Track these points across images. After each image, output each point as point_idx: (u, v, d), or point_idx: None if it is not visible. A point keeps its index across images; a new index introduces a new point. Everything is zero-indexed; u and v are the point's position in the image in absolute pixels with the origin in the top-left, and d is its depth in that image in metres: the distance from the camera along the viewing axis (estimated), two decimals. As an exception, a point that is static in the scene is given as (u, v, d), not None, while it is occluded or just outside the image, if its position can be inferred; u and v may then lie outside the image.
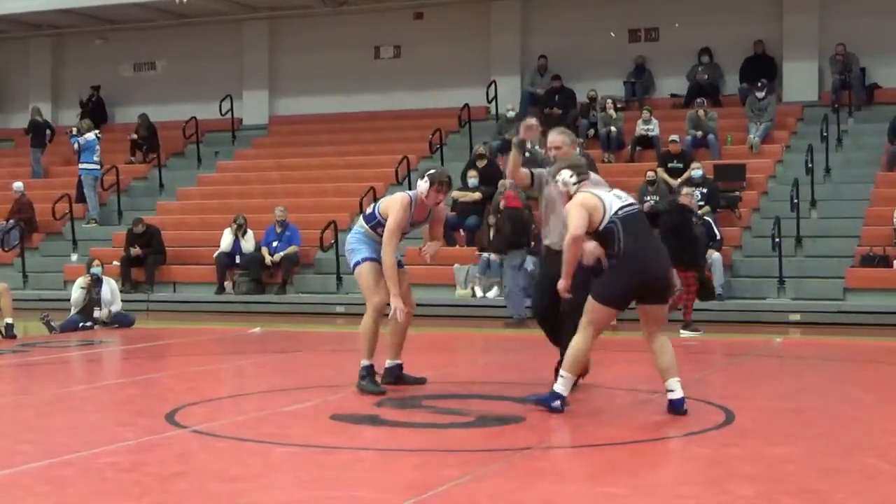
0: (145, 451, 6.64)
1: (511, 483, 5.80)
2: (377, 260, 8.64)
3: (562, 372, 7.72)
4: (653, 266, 7.67)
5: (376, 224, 8.77)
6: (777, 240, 17.17)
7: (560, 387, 7.67)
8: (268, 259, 19.39)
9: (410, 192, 8.87)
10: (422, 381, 9.11)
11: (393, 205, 8.69)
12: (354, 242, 8.87)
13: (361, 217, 9.06)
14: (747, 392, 9.28)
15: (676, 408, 7.63)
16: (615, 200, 7.77)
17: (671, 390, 7.67)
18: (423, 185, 8.71)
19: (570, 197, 7.83)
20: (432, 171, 8.80)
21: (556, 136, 9.10)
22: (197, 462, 6.38)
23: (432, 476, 5.87)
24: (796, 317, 16.47)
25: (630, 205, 7.77)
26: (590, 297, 7.64)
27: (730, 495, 5.52)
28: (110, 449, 6.63)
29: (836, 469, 6.14)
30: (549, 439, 6.94)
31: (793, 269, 17.50)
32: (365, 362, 8.63)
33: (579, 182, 7.90)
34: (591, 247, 7.66)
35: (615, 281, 7.60)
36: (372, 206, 9.04)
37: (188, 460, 6.42)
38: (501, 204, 17.26)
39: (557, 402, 7.64)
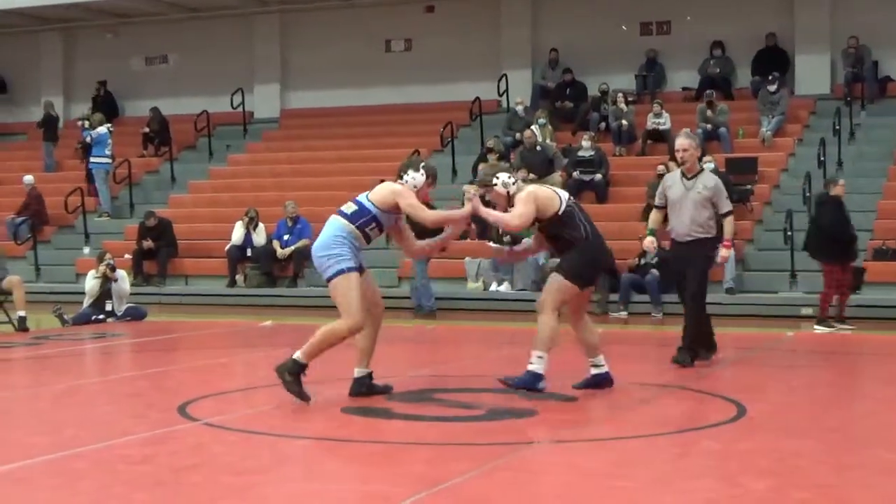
0: (157, 443, 6.65)
1: (522, 477, 5.79)
2: (359, 270, 7.82)
3: (536, 353, 7.97)
4: (607, 251, 8.45)
5: (369, 220, 7.94)
6: (789, 233, 17.13)
7: (537, 367, 7.95)
8: (279, 252, 19.40)
9: (395, 186, 8.14)
10: (388, 390, 8.26)
11: (396, 188, 8.02)
12: (335, 247, 7.84)
13: (341, 217, 8.01)
14: (759, 386, 9.27)
15: (606, 381, 8.35)
16: (562, 191, 8.48)
17: (600, 365, 8.35)
18: (418, 177, 8.10)
19: (509, 196, 8.27)
20: (424, 163, 8.31)
21: (683, 140, 10.19)
22: (209, 455, 6.39)
23: (443, 469, 5.86)
24: (808, 310, 16.41)
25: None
26: (557, 277, 8.06)
27: (742, 489, 5.51)
28: (122, 441, 6.64)
29: (849, 464, 6.12)
30: (561, 433, 6.94)
31: (805, 262, 17.39)
32: (301, 360, 7.76)
33: (516, 182, 8.38)
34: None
35: (586, 260, 8.15)
36: (352, 203, 8.12)
37: (200, 453, 6.43)
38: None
39: (542, 383, 7.96)
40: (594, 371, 8.36)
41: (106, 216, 22.79)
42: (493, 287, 18.01)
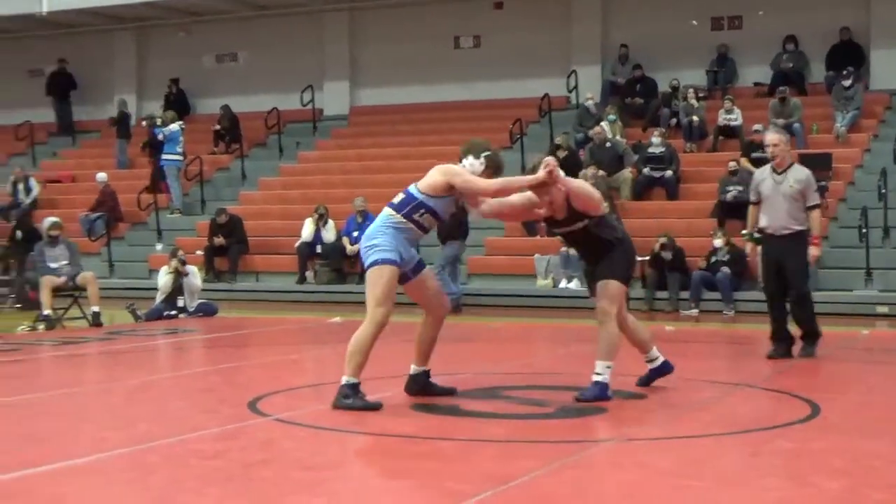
0: (228, 438, 6.69)
1: (591, 475, 5.76)
2: (399, 264, 7.48)
3: (603, 363, 7.74)
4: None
5: (415, 206, 7.50)
6: (864, 230, 16.90)
7: (605, 378, 7.75)
8: (348, 249, 19.48)
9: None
10: (451, 392, 8.02)
11: (444, 167, 7.57)
12: (380, 237, 7.49)
13: (388, 208, 7.62)
14: (833, 385, 9.15)
15: (666, 370, 8.29)
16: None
17: (655, 359, 8.28)
18: (476, 165, 7.65)
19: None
20: (489, 152, 7.74)
21: (773, 135, 10.35)
22: (279, 450, 6.42)
23: (512, 467, 5.84)
24: (884, 309, 16.19)
25: None
26: (612, 283, 7.82)
27: (815, 489, 5.44)
28: (194, 436, 6.69)
29: (925, 464, 6.02)
30: (631, 431, 6.89)
31: (880, 260, 17.21)
32: (351, 380, 7.44)
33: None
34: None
35: (628, 260, 8.09)
36: (401, 193, 7.68)
37: (270, 448, 6.46)
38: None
39: (607, 391, 7.76)
40: (651, 366, 8.32)
41: (178, 213, 23.04)
42: (563, 284, 17.95)
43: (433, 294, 7.89)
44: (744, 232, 11.12)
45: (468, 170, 7.62)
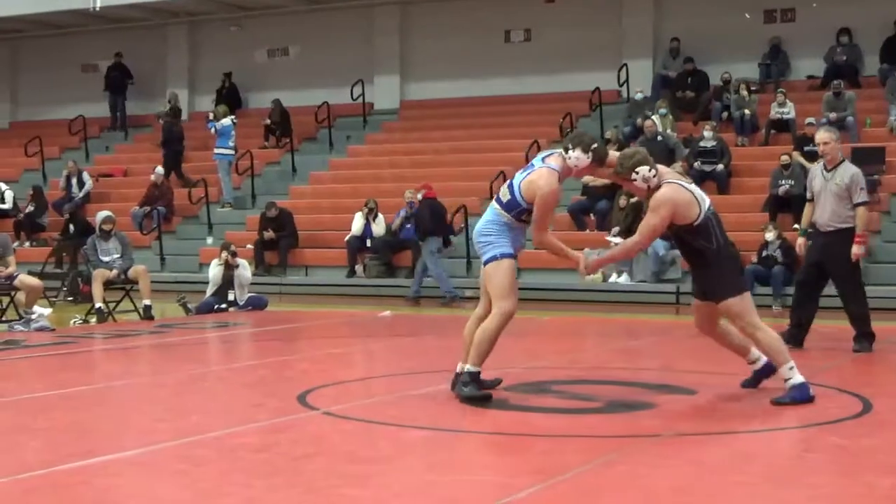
0: (277, 431, 6.73)
1: (640, 470, 5.74)
2: (516, 257, 7.67)
3: (784, 367, 7.52)
4: (738, 254, 8.21)
5: (520, 211, 7.61)
6: (918, 225, 16.71)
7: (796, 379, 7.48)
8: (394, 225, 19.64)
9: (552, 165, 7.64)
10: (497, 383, 8.10)
11: (540, 183, 7.51)
12: (493, 233, 7.65)
13: (497, 203, 7.74)
14: (885, 381, 9.07)
15: (770, 372, 7.89)
16: (703, 194, 7.69)
17: (756, 360, 8.00)
18: (583, 158, 7.58)
19: (650, 189, 7.56)
20: (595, 144, 7.64)
21: (823, 134, 10.44)
22: (328, 444, 6.45)
23: (560, 461, 5.84)
24: (937, 304, 15.99)
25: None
26: (733, 301, 7.49)
27: (867, 486, 5.38)
28: (243, 429, 6.74)
29: (979, 461, 5.94)
30: (679, 426, 6.85)
31: (934, 254, 17.01)
32: (472, 368, 7.59)
33: (656, 174, 7.58)
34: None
35: (733, 270, 7.75)
36: (507, 188, 7.74)
37: (319, 442, 6.49)
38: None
39: (808, 390, 7.49)
40: (754, 368, 8.05)
41: (228, 207, 23.18)
42: (613, 278, 17.89)
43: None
44: (796, 226, 11.11)
45: (573, 161, 7.60)
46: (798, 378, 7.47)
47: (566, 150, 7.64)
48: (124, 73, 28.08)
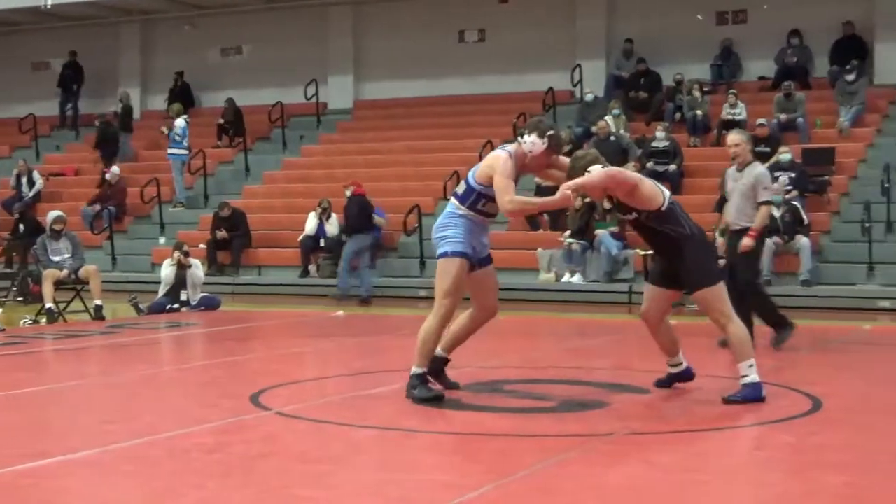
0: (230, 432, 6.70)
1: (593, 468, 5.76)
2: (469, 257, 7.60)
3: (745, 363, 7.55)
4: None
5: (477, 198, 7.57)
6: (867, 225, 16.88)
7: (754, 377, 7.53)
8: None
9: (508, 148, 7.69)
10: (455, 387, 8.01)
11: (494, 163, 7.54)
12: (450, 227, 7.62)
13: (453, 198, 7.74)
14: (835, 380, 9.14)
15: (686, 377, 8.18)
16: (661, 186, 7.82)
17: (678, 364, 8.15)
18: (538, 143, 7.57)
19: (604, 189, 7.64)
20: (552, 131, 7.66)
21: (734, 136, 10.73)
22: (281, 444, 6.43)
23: (513, 461, 5.85)
24: (886, 303, 16.18)
25: None
26: (709, 290, 7.54)
27: (816, 483, 5.44)
28: (196, 430, 6.70)
29: (927, 459, 6.02)
30: (632, 425, 6.89)
31: (883, 254, 17.18)
32: (417, 370, 7.58)
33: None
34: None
35: (709, 258, 7.79)
36: (463, 182, 7.75)
37: (272, 442, 6.47)
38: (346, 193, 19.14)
39: (761, 390, 7.53)
40: (672, 371, 8.16)
41: (181, 206, 23.05)
42: (566, 278, 17.94)
43: (489, 291, 7.94)
44: (714, 226, 11.40)
45: (528, 146, 7.58)
46: (754, 377, 7.53)
47: (521, 135, 7.65)
48: (77, 72, 27.85)
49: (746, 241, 10.39)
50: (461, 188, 7.72)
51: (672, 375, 8.16)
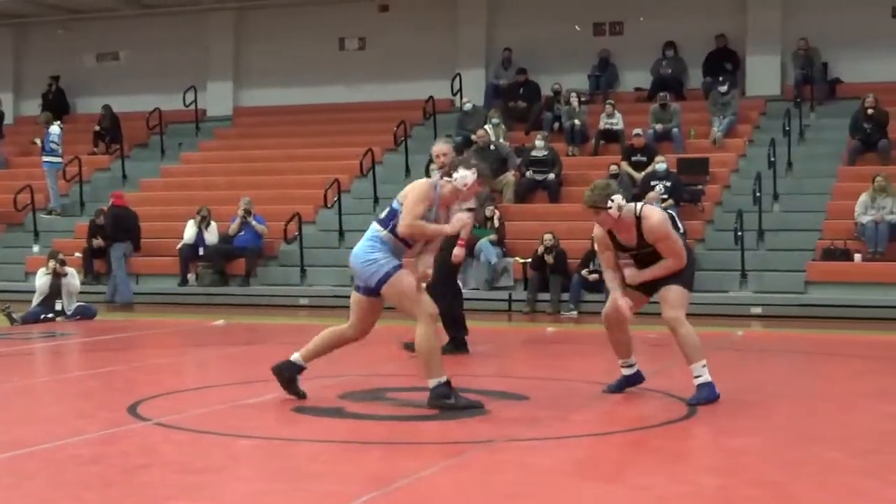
0: (108, 443, 6.61)
1: (476, 475, 5.81)
2: (401, 266, 7.64)
3: (698, 364, 7.85)
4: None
5: (398, 222, 7.58)
6: (739, 233, 17.30)
7: (703, 378, 7.83)
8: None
9: (434, 180, 7.80)
10: (304, 397, 7.93)
11: (415, 185, 7.67)
12: (377, 251, 7.59)
13: (375, 223, 7.73)
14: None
15: (638, 380, 8.41)
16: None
17: (632, 365, 8.38)
18: (469, 175, 7.61)
19: (618, 218, 7.92)
20: (475, 161, 7.81)
21: (440, 146, 10.46)
22: (160, 455, 6.37)
23: (396, 468, 5.88)
24: (758, 310, 16.60)
25: None
26: (678, 289, 7.94)
27: (692, 486, 5.56)
28: (72, 441, 6.60)
29: (797, 461, 6.19)
30: (511, 432, 6.96)
31: (755, 262, 17.63)
32: (435, 381, 7.66)
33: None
34: None
35: (690, 265, 8.13)
36: (387, 208, 7.74)
37: (151, 453, 6.40)
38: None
39: (714, 389, 7.84)
40: (626, 372, 8.35)
41: (55, 214, 22.61)
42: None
43: (373, 318, 8.00)
44: None
45: (461, 181, 7.61)
46: (707, 377, 7.82)
47: (449, 175, 7.70)
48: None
49: (458, 251, 10.31)
50: (384, 213, 7.75)
51: (625, 378, 8.30)
